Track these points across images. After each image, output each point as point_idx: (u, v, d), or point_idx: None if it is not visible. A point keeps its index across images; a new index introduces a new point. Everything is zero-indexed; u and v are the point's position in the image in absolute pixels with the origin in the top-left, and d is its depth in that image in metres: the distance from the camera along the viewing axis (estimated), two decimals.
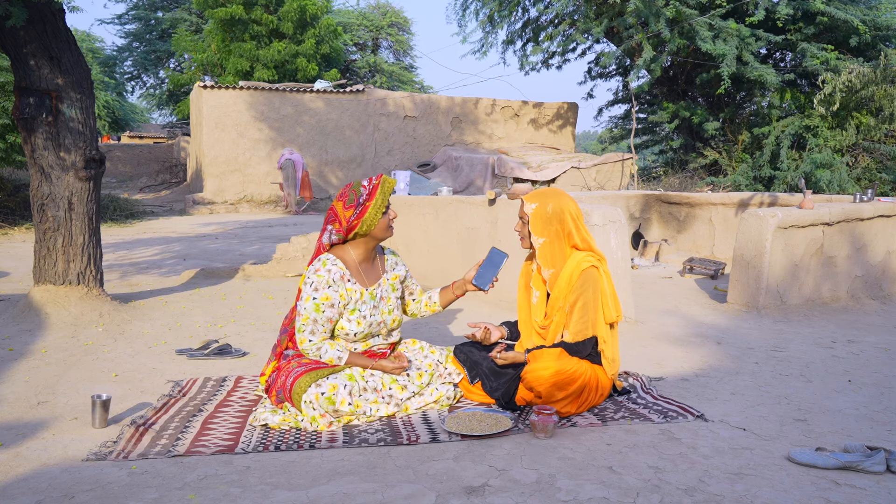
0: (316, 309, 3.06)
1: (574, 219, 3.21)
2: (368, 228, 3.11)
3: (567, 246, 3.21)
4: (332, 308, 3.07)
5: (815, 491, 2.39)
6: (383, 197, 3.11)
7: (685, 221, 8.48)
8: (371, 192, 3.12)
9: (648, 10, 12.81)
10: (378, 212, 3.10)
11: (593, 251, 3.23)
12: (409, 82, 29.77)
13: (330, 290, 3.06)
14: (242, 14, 19.82)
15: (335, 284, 3.07)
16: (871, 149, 11.88)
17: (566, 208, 3.21)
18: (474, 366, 3.26)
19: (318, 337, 3.10)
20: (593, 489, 2.39)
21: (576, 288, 3.14)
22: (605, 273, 3.20)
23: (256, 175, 15.89)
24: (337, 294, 3.07)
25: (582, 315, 3.12)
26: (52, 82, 4.78)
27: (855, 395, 3.47)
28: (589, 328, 3.12)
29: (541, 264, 3.25)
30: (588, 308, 3.12)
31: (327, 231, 3.17)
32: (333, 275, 3.08)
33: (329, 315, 3.07)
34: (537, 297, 3.33)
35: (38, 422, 3.01)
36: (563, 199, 3.24)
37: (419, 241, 6.69)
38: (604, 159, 15.82)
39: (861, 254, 5.82)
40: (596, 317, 3.14)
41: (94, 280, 5.06)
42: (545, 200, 3.22)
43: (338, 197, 3.18)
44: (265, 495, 2.35)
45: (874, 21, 12.99)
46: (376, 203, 3.10)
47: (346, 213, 3.11)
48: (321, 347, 3.10)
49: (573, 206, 3.24)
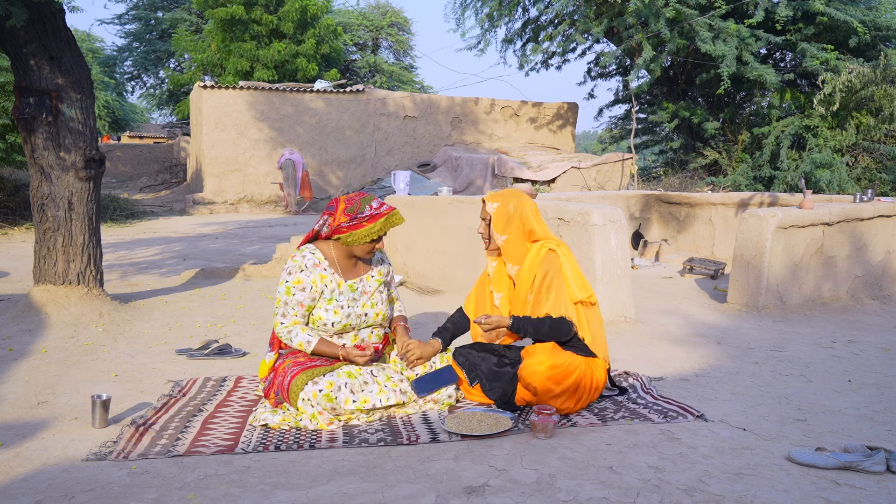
0: (287, 292, 3.13)
1: (533, 214, 3.33)
2: (353, 242, 3.15)
3: (528, 242, 3.31)
4: (302, 292, 3.12)
5: (815, 491, 2.39)
6: (381, 227, 3.13)
7: (685, 221, 8.48)
8: (374, 216, 3.13)
9: (648, 11, 12.81)
10: (368, 236, 3.12)
11: (550, 238, 3.31)
12: (409, 82, 29.77)
13: (302, 273, 3.13)
14: (243, 14, 19.83)
15: (307, 269, 3.14)
16: (871, 149, 11.88)
17: (525, 205, 3.33)
18: (473, 368, 3.27)
19: (290, 320, 3.14)
20: (593, 489, 2.39)
21: (538, 273, 3.19)
22: (564, 255, 3.25)
23: (256, 175, 15.89)
24: (308, 279, 3.13)
25: (548, 294, 3.15)
26: (52, 82, 4.78)
27: (855, 395, 3.47)
28: (562, 307, 3.13)
29: (506, 261, 3.33)
30: (552, 287, 3.15)
31: (323, 219, 3.23)
32: (307, 261, 3.16)
33: (299, 299, 3.12)
34: (500, 297, 3.38)
35: (38, 422, 3.01)
36: (521, 197, 3.37)
37: (419, 242, 6.69)
38: (604, 159, 15.82)
39: (861, 254, 5.83)
40: (564, 298, 3.16)
41: (94, 280, 5.06)
42: (506, 200, 3.33)
43: (347, 197, 3.20)
44: (265, 495, 2.35)
45: (874, 21, 13.00)
46: (372, 228, 3.12)
47: (341, 217, 3.14)
48: (291, 331, 3.14)
49: (531, 202, 3.37)
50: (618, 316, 4.76)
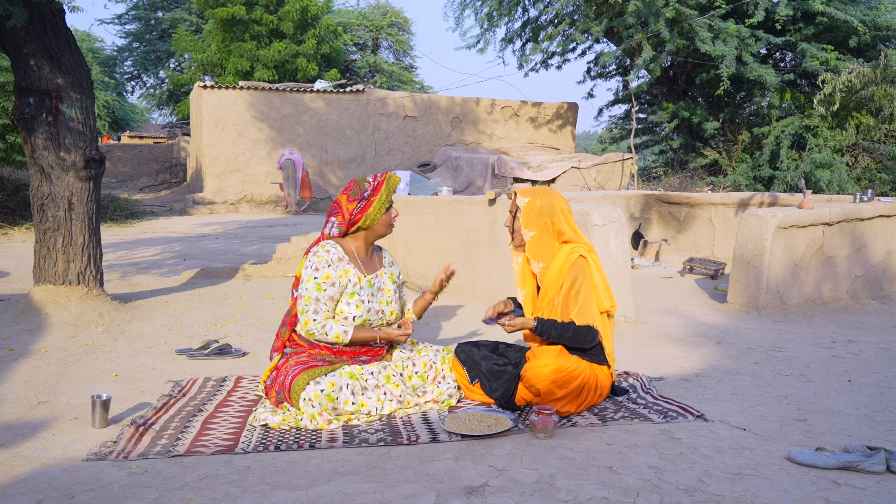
0: (318, 288, 3.12)
1: (564, 214, 3.28)
2: (371, 222, 3.19)
3: (557, 241, 3.26)
4: (332, 287, 3.13)
5: (815, 491, 2.39)
6: (387, 193, 3.19)
7: (685, 221, 8.47)
8: (376, 187, 3.20)
9: (648, 10, 12.81)
10: (382, 206, 3.19)
11: (581, 242, 3.27)
12: (409, 82, 29.76)
13: (330, 268, 3.13)
14: (243, 14, 19.82)
15: (334, 264, 3.15)
16: (871, 149, 11.87)
17: (556, 203, 3.29)
18: (474, 366, 3.27)
19: (322, 315, 3.14)
20: (593, 489, 2.39)
21: (568, 277, 3.16)
22: (594, 262, 3.23)
23: (256, 175, 15.89)
24: (336, 273, 3.14)
25: (576, 301, 3.13)
26: (52, 82, 4.78)
27: (855, 395, 3.47)
28: (588, 316, 3.12)
29: (531, 258, 3.28)
30: (580, 294, 3.14)
31: (330, 222, 3.25)
32: (332, 255, 3.16)
33: (330, 293, 3.13)
34: (523, 294, 3.36)
35: (38, 422, 3.01)
36: (553, 195, 3.34)
37: (419, 242, 6.69)
38: (604, 159, 15.81)
39: (861, 254, 5.83)
40: (592, 306, 3.15)
41: (94, 280, 5.06)
42: (536, 195, 3.30)
43: (342, 191, 3.26)
44: (265, 495, 2.35)
45: (874, 21, 12.99)
46: (380, 198, 3.18)
47: (349, 206, 3.19)
48: (325, 325, 3.13)
49: (563, 202, 3.33)
50: (618, 316, 4.75)
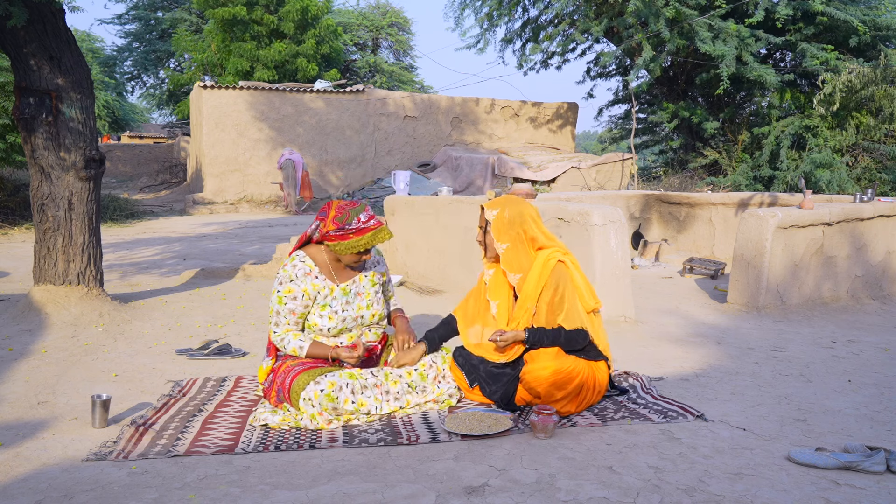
0: (279, 301, 3.16)
1: (534, 220, 3.26)
2: (340, 251, 3.15)
3: (532, 249, 3.24)
4: (294, 301, 3.15)
5: (815, 491, 2.39)
6: (368, 241, 3.11)
7: (685, 221, 8.47)
8: (361, 230, 3.11)
9: (648, 10, 12.81)
10: (354, 248, 3.11)
11: (557, 247, 3.26)
12: (409, 82, 29.77)
13: (292, 283, 3.15)
14: (243, 14, 19.82)
15: (297, 280, 3.16)
16: (871, 149, 11.87)
17: (525, 211, 3.26)
18: (472, 369, 3.26)
19: (282, 328, 3.17)
20: (593, 489, 2.39)
21: (549, 285, 3.15)
22: (573, 264, 3.23)
23: (256, 175, 15.89)
24: (299, 288, 3.15)
25: (562, 307, 3.13)
26: (52, 82, 4.78)
27: (855, 395, 3.47)
28: (576, 319, 3.12)
29: (506, 270, 3.25)
30: (565, 300, 3.13)
31: (315, 224, 3.23)
32: (297, 270, 3.17)
33: (291, 307, 3.15)
34: (497, 305, 3.30)
35: (38, 422, 3.01)
36: (521, 202, 3.30)
37: (419, 242, 6.69)
38: (604, 159, 15.81)
39: (861, 254, 5.82)
40: (577, 309, 3.15)
41: (94, 280, 5.06)
42: (504, 206, 3.27)
43: (338, 205, 3.18)
44: (265, 495, 2.35)
45: (874, 21, 12.99)
46: (358, 241, 3.11)
47: (330, 225, 3.13)
48: (284, 338, 3.17)
49: (531, 208, 3.30)
50: (618, 316, 4.75)
